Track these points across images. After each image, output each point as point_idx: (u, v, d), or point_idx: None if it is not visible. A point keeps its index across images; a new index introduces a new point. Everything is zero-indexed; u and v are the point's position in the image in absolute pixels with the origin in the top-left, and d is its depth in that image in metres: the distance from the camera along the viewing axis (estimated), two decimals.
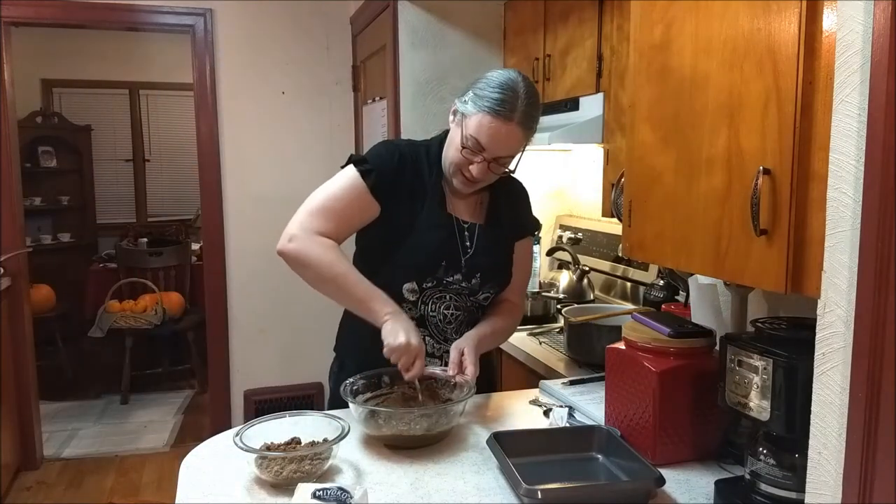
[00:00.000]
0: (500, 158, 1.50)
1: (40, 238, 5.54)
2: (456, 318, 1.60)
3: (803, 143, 1.00)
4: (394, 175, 1.55)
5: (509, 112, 1.45)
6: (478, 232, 1.61)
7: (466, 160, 1.50)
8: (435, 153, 1.61)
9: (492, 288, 1.64)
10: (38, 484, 3.33)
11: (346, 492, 1.06)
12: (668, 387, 1.28)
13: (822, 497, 0.90)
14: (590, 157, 2.87)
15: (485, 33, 2.96)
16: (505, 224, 1.67)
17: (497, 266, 1.65)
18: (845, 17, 0.84)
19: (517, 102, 1.46)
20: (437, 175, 1.59)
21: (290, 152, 3.68)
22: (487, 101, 1.45)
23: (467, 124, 1.48)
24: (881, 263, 0.79)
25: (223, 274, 3.68)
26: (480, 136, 1.47)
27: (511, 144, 1.50)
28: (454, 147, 1.52)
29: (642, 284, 2.44)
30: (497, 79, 1.48)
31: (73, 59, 5.74)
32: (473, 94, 1.49)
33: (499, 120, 1.45)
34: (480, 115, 1.46)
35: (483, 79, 1.51)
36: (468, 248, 1.59)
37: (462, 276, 1.58)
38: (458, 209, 1.62)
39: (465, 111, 1.49)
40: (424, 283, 1.56)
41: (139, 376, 4.63)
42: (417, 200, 1.57)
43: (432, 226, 1.56)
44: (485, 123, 1.46)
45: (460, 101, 1.53)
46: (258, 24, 3.59)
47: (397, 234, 1.55)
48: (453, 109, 1.56)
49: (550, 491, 1.13)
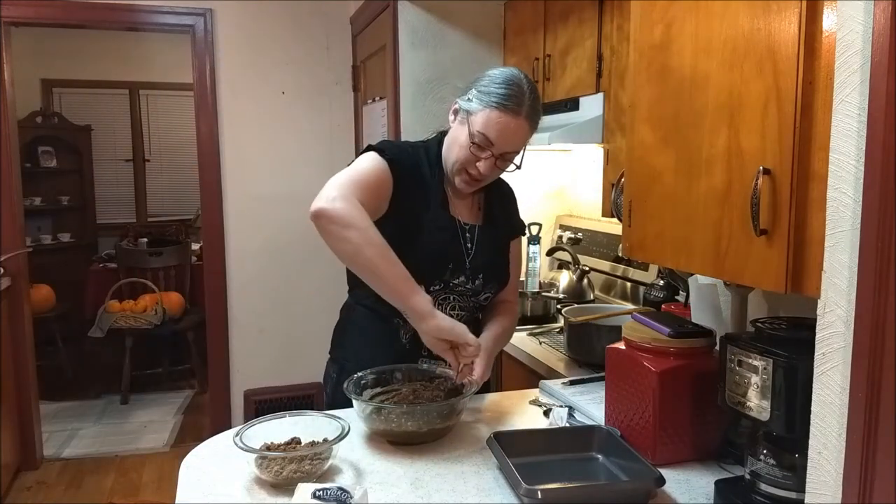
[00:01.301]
0: (506, 154, 1.51)
1: (40, 238, 5.54)
2: (461, 318, 1.60)
3: (803, 143, 1.00)
4: (408, 170, 1.54)
5: (517, 106, 1.46)
6: (477, 233, 1.62)
7: (474, 157, 1.50)
8: (434, 154, 1.61)
9: (493, 288, 1.65)
10: (38, 484, 3.33)
11: (346, 492, 1.06)
12: (668, 387, 1.28)
13: (822, 497, 0.90)
14: (590, 157, 2.87)
15: (485, 33, 2.96)
16: (500, 224, 1.68)
17: (496, 266, 1.65)
18: (845, 17, 0.84)
19: (523, 97, 1.47)
20: (439, 176, 1.59)
21: (290, 152, 3.68)
22: (494, 96, 1.46)
23: (474, 121, 1.49)
24: (881, 263, 0.79)
25: (223, 274, 3.68)
26: (489, 131, 1.47)
27: (519, 139, 1.51)
28: (459, 145, 1.52)
29: (642, 284, 2.44)
30: (501, 75, 1.49)
31: (73, 59, 5.74)
32: (478, 92, 1.50)
33: (507, 115, 1.46)
34: (488, 111, 1.47)
35: (485, 76, 1.51)
36: (469, 249, 1.60)
37: (466, 277, 1.59)
38: (458, 211, 1.62)
39: (471, 108, 1.50)
40: (432, 287, 1.56)
41: (139, 376, 4.63)
42: (422, 202, 1.56)
43: (438, 228, 1.56)
44: (493, 118, 1.47)
45: (463, 100, 1.53)
46: (258, 24, 3.59)
47: (403, 236, 1.53)
48: (454, 108, 1.56)
49: (550, 491, 1.13)
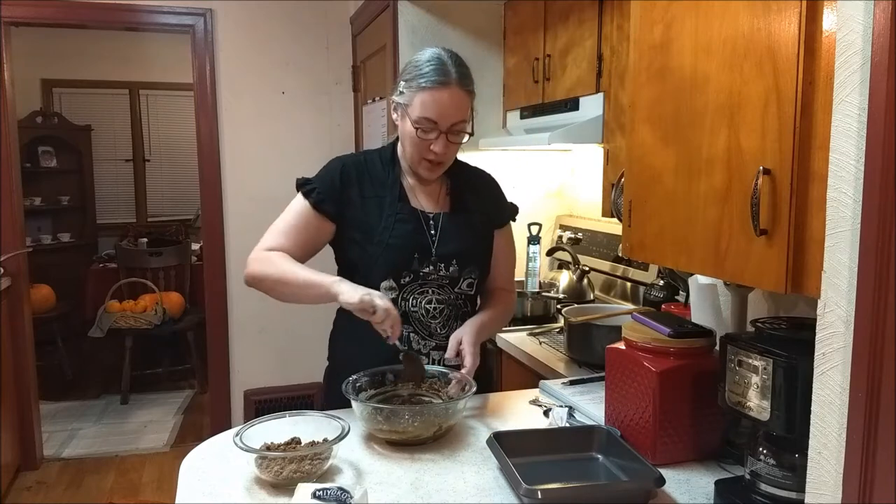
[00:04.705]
0: (454, 126, 1.53)
1: (40, 238, 5.55)
2: (441, 311, 1.61)
3: (803, 143, 1.01)
4: (340, 188, 1.60)
5: (444, 78, 1.50)
6: (442, 220, 1.63)
7: (425, 142, 1.53)
8: (388, 154, 1.66)
9: (472, 273, 1.64)
10: (38, 484, 3.33)
11: (346, 492, 1.07)
12: (668, 387, 1.28)
13: (822, 497, 0.90)
14: (590, 157, 2.87)
15: (485, 33, 2.96)
16: (473, 210, 1.68)
17: (470, 250, 1.65)
18: (845, 17, 0.84)
19: (447, 67, 1.51)
20: (394, 172, 1.63)
21: (290, 152, 3.68)
22: (420, 79, 1.51)
23: (412, 111, 1.52)
24: (881, 263, 0.79)
25: (223, 274, 3.68)
26: (428, 111, 1.51)
27: (459, 107, 1.53)
28: (408, 138, 1.56)
29: (642, 284, 2.44)
30: (421, 58, 1.54)
31: (73, 59, 5.74)
32: (405, 82, 1.54)
33: (437, 90, 1.50)
34: (421, 94, 1.51)
35: (407, 66, 1.57)
36: (433, 237, 1.61)
37: (434, 266, 1.59)
38: (420, 201, 1.64)
39: (404, 101, 1.54)
40: (401, 279, 1.57)
41: (139, 376, 4.63)
42: (377, 202, 1.59)
43: (398, 220, 1.58)
44: (427, 99, 1.50)
45: (395, 95, 1.57)
46: (258, 24, 3.59)
47: (365, 237, 1.58)
48: (392, 107, 1.60)
49: (550, 491, 1.13)
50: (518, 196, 1.77)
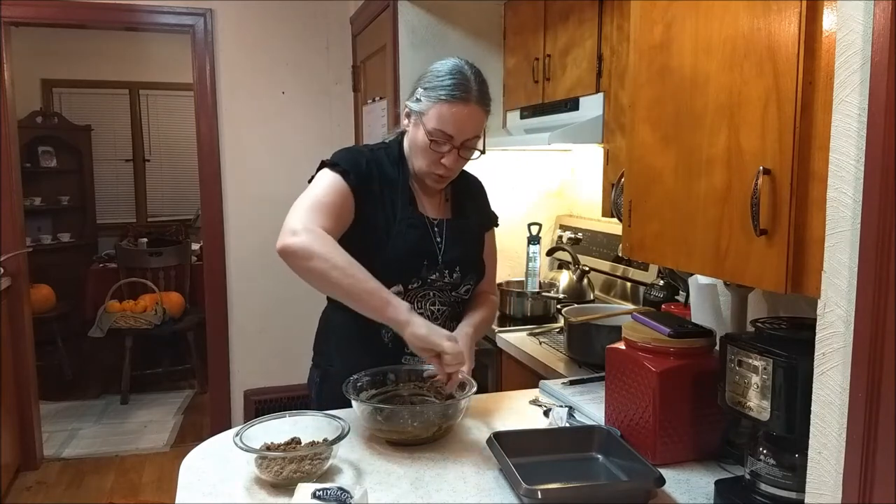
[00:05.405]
0: (467, 142, 1.52)
1: (40, 238, 5.54)
2: (442, 313, 1.62)
3: (803, 143, 1.01)
4: (366, 178, 1.55)
5: (465, 93, 1.48)
6: (446, 227, 1.63)
7: (437, 154, 1.52)
8: (395, 154, 1.62)
9: (472, 279, 1.66)
10: (38, 484, 3.33)
11: (346, 492, 1.06)
12: (668, 387, 1.28)
13: (822, 497, 0.90)
14: (590, 157, 2.87)
15: (485, 33, 2.96)
16: (471, 216, 1.69)
17: (471, 257, 1.66)
18: (845, 17, 0.84)
19: (469, 83, 1.49)
20: (404, 174, 1.60)
21: (290, 152, 3.68)
22: (441, 90, 1.48)
23: (427, 120, 1.50)
24: (881, 263, 0.79)
25: (223, 274, 3.68)
26: (444, 125, 1.49)
27: (475, 125, 1.52)
28: (420, 148, 1.53)
29: (642, 284, 2.44)
30: (443, 68, 1.51)
31: (73, 59, 5.74)
32: (423, 90, 1.51)
33: (458, 104, 1.48)
34: (439, 106, 1.48)
35: (428, 73, 1.53)
36: (440, 244, 1.61)
37: (440, 272, 1.59)
38: (426, 207, 1.64)
39: (421, 108, 1.52)
40: (410, 285, 1.57)
41: (139, 376, 4.62)
42: (389, 203, 1.57)
43: (409, 226, 1.57)
44: (445, 112, 1.48)
45: (412, 101, 1.55)
46: (258, 24, 3.59)
47: (375, 238, 1.55)
48: (406, 112, 1.58)
49: (550, 491, 1.13)
50: (518, 196, 1.77)
